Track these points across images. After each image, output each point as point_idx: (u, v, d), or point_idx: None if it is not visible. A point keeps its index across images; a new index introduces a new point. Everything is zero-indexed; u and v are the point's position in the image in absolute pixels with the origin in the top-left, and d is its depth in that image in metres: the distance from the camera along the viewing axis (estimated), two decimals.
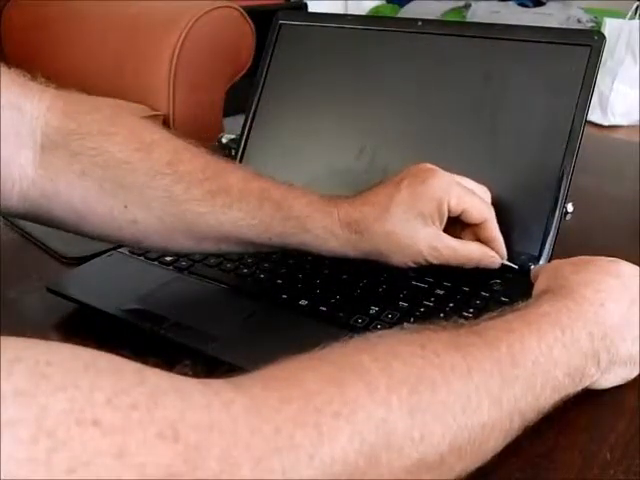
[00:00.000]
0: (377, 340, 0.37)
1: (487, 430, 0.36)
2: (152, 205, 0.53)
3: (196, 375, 0.31)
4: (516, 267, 0.57)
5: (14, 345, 0.27)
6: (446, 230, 0.55)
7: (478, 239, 0.56)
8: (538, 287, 0.49)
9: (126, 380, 0.28)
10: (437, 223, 0.54)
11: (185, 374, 0.30)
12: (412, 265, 0.55)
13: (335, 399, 0.32)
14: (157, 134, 0.54)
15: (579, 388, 0.43)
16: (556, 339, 0.41)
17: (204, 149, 0.55)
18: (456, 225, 0.56)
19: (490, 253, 0.56)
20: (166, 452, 0.26)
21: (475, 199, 0.55)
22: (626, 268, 0.48)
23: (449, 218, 0.55)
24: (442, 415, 0.34)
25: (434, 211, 0.54)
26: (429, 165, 0.56)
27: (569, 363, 0.41)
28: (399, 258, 0.55)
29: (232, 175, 0.54)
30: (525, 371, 0.39)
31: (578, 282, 0.46)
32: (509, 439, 0.39)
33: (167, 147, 0.54)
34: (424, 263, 0.55)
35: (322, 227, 0.54)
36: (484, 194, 0.58)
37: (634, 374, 0.47)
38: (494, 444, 0.37)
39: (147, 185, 0.52)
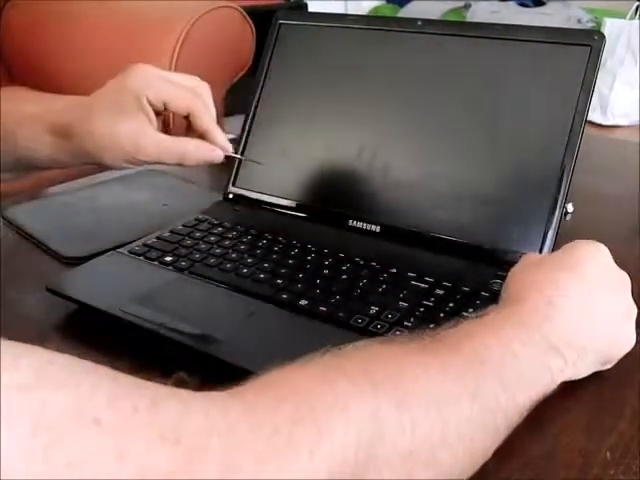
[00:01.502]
0: (353, 349, 0.38)
1: (472, 425, 0.37)
2: None
3: (191, 385, 0.31)
4: (243, 157, 0.57)
5: (17, 345, 0.27)
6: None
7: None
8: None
9: (127, 384, 0.28)
10: (141, 118, 0.53)
11: (181, 383, 0.31)
12: (127, 165, 0.54)
13: (327, 395, 0.32)
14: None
15: (554, 385, 0.43)
16: (512, 338, 0.41)
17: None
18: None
19: (207, 146, 0.55)
20: (167, 455, 0.26)
21: (178, 90, 0.54)
22: (580, 255, 0.47)
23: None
24: (427, 407, 0.35)
25: (133, 105, 0.53)
26: (141, 63, 0.55)
27: (532, 358, 0.41)
28: (109, 158, 0.54)
29: None
30: (493, 367, 0.39)
31: (522, 287, 0.46)
32: (497, 440, 0.39)
33: None
34: (137, 162, 0.54)
35: (31, 138, 0.54)
36: (200, 89, 0.57)
37: (621, 354, 0.47)
38: (483, 443, 0.38)
39: None
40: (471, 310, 0.53)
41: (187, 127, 0.57)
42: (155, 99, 0.53)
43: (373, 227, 0.66)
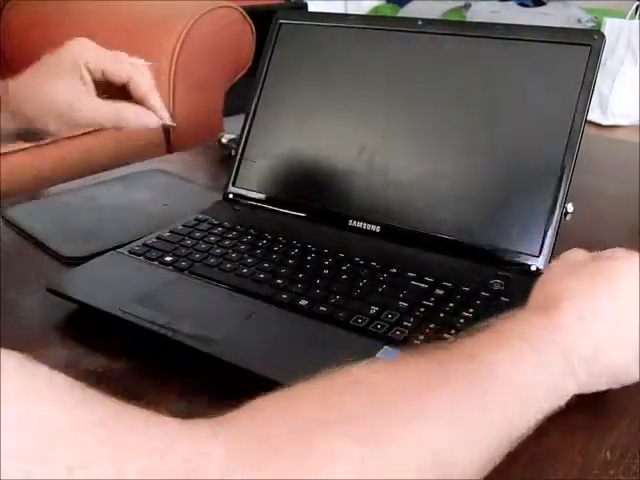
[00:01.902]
0: (354, 384, 0.36)
1: (479, 441, 0.36)
2: None
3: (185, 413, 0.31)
4: (174, 124, 0.61)
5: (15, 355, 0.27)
6: None
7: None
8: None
9: (111, 407, 0.28)
10: (77, 83, 0.57)
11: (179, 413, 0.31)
12: (65, 128, 0.58)
13: (307, 452, 0.31)
14: None
15: (563, 401, 0.41)
16: (533, 360, 0.40)
17: None
18: None
19: (144, 111, 0.60)
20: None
21: (115, 61, 0.59)
22: (617, 266, 0.45)
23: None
24: (428, 425, 0.34)
25: (71, 71, 0.57)
26: (81, 37, 0.60)
27: (547, 375, 0.40)
28: (50, 123, 0.58)
29: None
30: (508, 385, 0.39)
31: (554, 292, 0.44)
32: (501, 454, 0.38)
33: None
34: (74, 124, 0.58)
35: None
36: (140, 65, 0.61)
37: (635, 379, 0.45)
38: (488, 459, 0.37)
39: None
40: (471, 310, 0.53)
41: (126, 96, 0.60)
42: (94, 67, 0.58)
43: (373, 227, 0.66)
